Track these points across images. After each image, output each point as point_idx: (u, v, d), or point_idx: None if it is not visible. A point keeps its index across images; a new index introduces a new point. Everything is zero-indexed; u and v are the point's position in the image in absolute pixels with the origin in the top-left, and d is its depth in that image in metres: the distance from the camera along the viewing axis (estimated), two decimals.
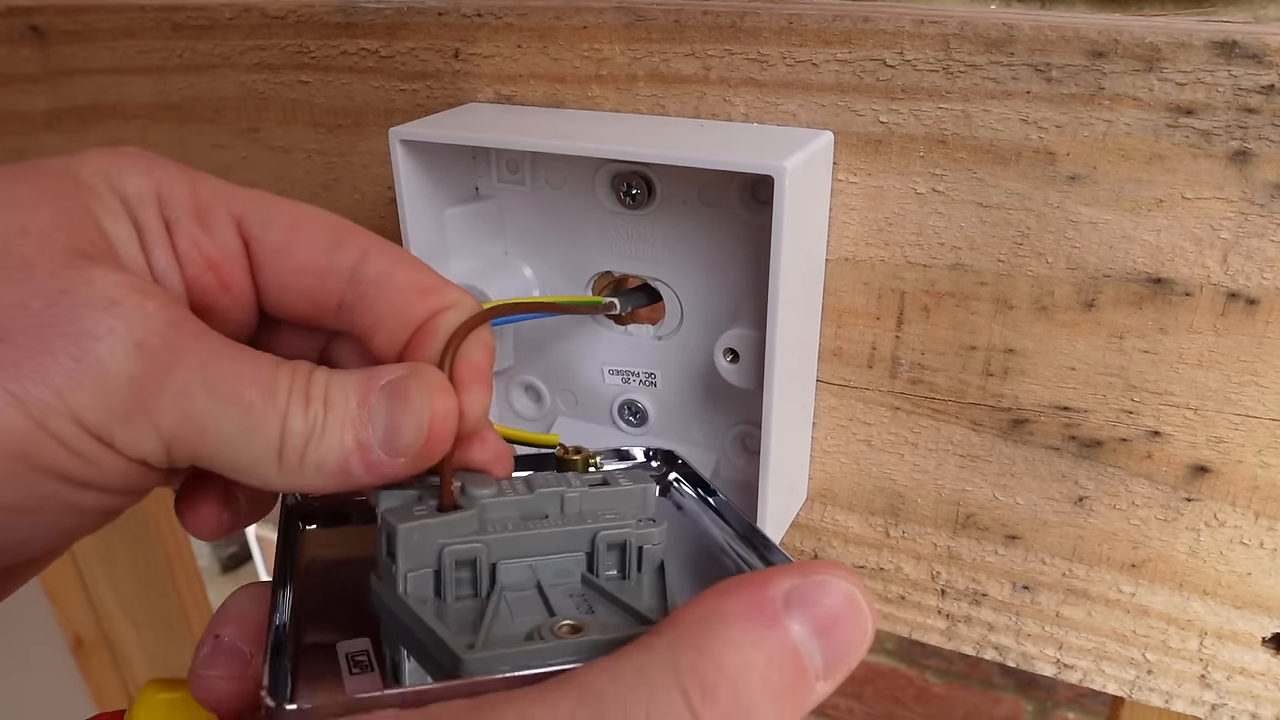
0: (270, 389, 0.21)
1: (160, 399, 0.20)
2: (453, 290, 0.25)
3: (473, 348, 0.24)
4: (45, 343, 0.19)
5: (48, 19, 0.44)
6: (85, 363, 0.19)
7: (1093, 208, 0.28)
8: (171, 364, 0.20)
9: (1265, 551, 0.30)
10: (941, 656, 0.94)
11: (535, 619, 0.22)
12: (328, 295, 0.24)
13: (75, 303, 0.19)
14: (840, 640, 0.18)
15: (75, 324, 0.19)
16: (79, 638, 0.88)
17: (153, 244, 0.23)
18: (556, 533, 0.23)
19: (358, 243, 0.25)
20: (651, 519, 0.24)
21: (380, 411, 0.22)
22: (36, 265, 0.19)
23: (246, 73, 0.41)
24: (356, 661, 0.23)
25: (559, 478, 0.25)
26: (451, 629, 0.21)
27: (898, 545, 0.35)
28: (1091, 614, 0.33)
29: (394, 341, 0.24)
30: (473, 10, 0.35)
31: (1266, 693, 0.32)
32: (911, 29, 0.28)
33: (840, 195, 0.31)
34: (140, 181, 0.23)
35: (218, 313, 0.24)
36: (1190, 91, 0.26)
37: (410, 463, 0.22)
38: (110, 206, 0.22)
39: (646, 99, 0.33)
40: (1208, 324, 0.28)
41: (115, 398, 0.19)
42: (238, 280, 0.24)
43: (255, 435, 0.21)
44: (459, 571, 0.22)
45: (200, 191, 0.24)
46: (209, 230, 0.24)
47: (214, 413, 0.20)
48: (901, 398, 0.33)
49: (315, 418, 0.21)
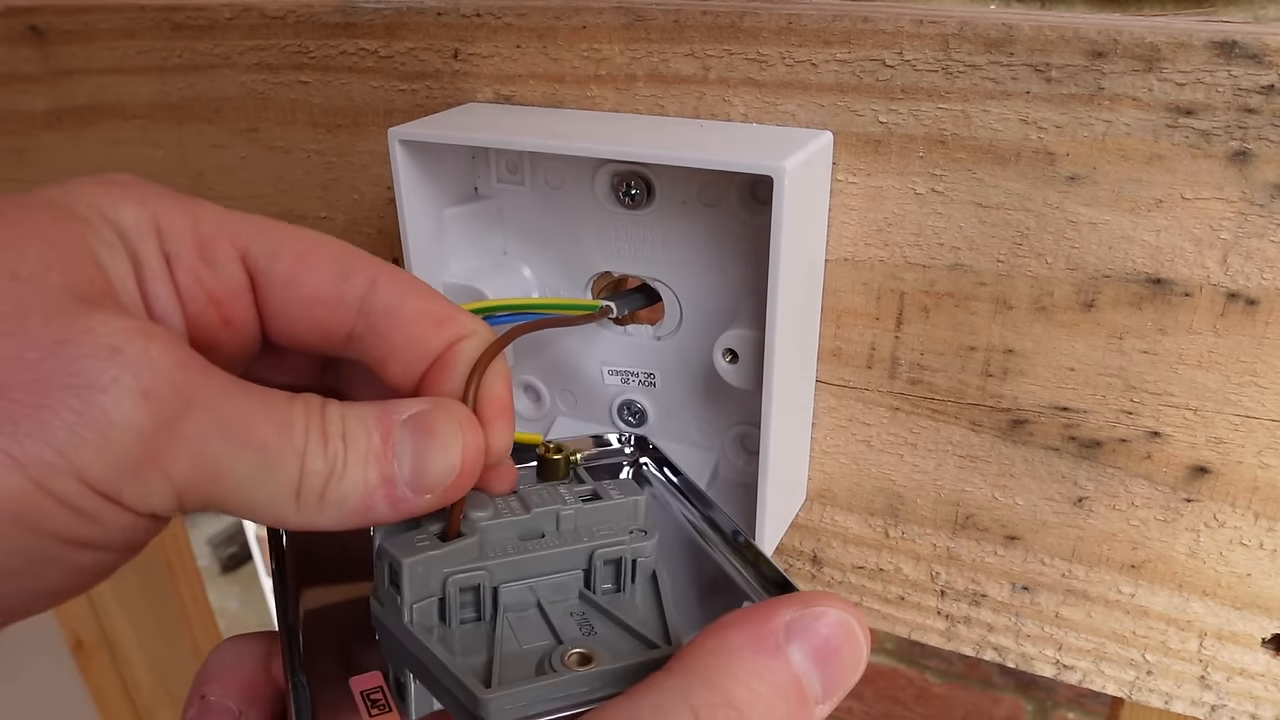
0: (286, 426, 0.20)
1: (172, 448, 0.19)
2: (467, 319, 0.24)
3: (494, 380, 0.23)
4: (45, 397, 0.18)
5: (48, 19, 0.44)
6: (89, 417, 0.18)
7: (1092, 208, 0.28)
8: (183, 410, 0.19)
9: (1265, 552, 0.30)
10: (941, 656, 0.94)
11: (541, 644, 0.22)
12: (337, 326, 0.24)
13: (75, 353, 0.18)
14: (838, 668, 0.19)
15: (77, 376, 0.18)
16: (79, 639, 0.88)
17: (151, 279, 0.22)
18: (555, 553, 0.24)
19: (366, 271, 0.24)
20: (643, 530, 0.25)
21: (406, 447, 0.21)
22: (30, 313, 0.18)
23: (246, 73, 0.41)
24: (374, 701, 0.23)
25: (553, 493, 0.25)
26: (460, 659, 0.22)
27: (897, 546, 0.35)
28: (1091, 615, 0.33)
29: (410, 372, 0.24)
30: (472, 10, 0.35)
31: (1266, 693, 0.32)
32: (911, 29, 0.28)
33: (839, 195, 0.31)
34: (137, 212, 0.22)
35: (218, 347, 0.23)
36: (1190, 92, 0.26)
37: (436, 500, 0.22)
38: (106, 240, 0.21)
39: (646, 99, 0.33)
40: (1207, 324, 0.28)
41: (123, 452, 0.18)
42: (240, 314, 0.23)
43: (272, 475, 0.20)
44: (463, 596, 0.23)
45: (201, 223, 0.23)
46: (212, 264, 0.23)
47: (229, 455, 0.19)
48: (901, 398, 0.33)
49: (335, 454, 0.20)
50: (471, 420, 0.22)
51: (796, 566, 0.37)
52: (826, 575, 0.37)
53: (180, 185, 0.45)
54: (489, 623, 0.23)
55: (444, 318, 0.24)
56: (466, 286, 0.35)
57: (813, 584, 0.38)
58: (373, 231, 0.40)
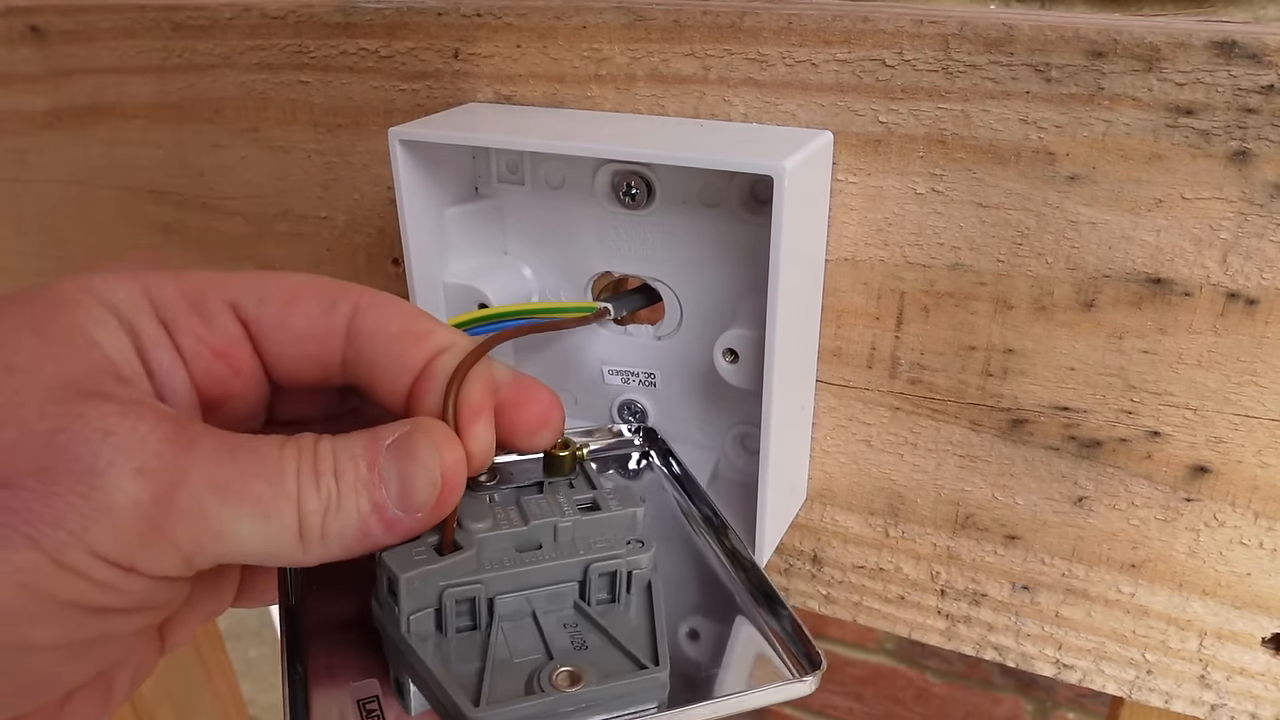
0: (277, 476, 0.21)
1: (173, 517, 0.20)
2: (444, 332, 0.25)
3: (470, 386, 0.24)
4: (51, 484, 0.19)
5: (48, 19, 0.44)
6: (93, 499, 0.19)
7: (1092, 208, 0.28)
8: (177, 481, 0.20)
9: (1265, 552, 0.30)
10: (941, 657, 0.94)
11: (532, 659, 0.23)
12: (330, 356, 0.25)
13: (71, 439, 0.20)
14: None
15: (77, 461, 0.19)
16: None
17: (151, 347, 0.23)
18: (551, 566, 0.24)
19: (349, 299, 0.25)
20: (640, 541, 0.25)
21: (390, 471, 0.22)
22: (26, 405, 0.20)
23: (246, 73, 0.41)
24: (369, 712, 0.23)
25: (551, 502, 0.26)
26: (453, 667, 0.22)
27: (897, 545, 0.35)
28: (1091, 614, 0.33)
29: (396, 390, 0.25)
30: (472, 10, 0.35)
31: (1266, 693, 0.32)
32: (911, 29, 0.28)
33: (840, 195, 0.31)
34: (128, 287, 0.23)
35: (234, 396, 0.25)
36: (1190, 91, 0.26)
37: (427, 517, 0.23)
38: (98, 317, 0.22)
39: (646, 99, 0.33)
40: (1207, 324, 0.28)
41: (127, 526, 0.20)
42: (246, 362, 0.25)
43: (272, 524, 0.21)
44: (459, 607, 0.24)
45: (188, 286, 0.24)
46: (208, 321, 0.24)
47: (228, 514, 0.21)
48: (901, 398, 0.33)
49: (328, 491, 0.22)
50: (448, 436, 0.23)
51: (796, 566, 0.38)
52: (826, 575, 0.37)
53: (180, 185, 0.45)
54: (484, 631, 0.24)
55: (422, 334, 0.25)
56: (466, 286, 0.35)
57: (813, 583, 0.38)
58: (373, 231, 0.40)
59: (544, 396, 0.26)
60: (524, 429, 0.25)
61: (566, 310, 0.33)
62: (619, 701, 0.22)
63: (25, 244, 0.52)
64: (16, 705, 0.21)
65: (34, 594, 0.19)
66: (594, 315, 0.33)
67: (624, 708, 0.22)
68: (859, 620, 0.37)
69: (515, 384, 0.25)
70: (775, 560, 0.38)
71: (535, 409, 0.25)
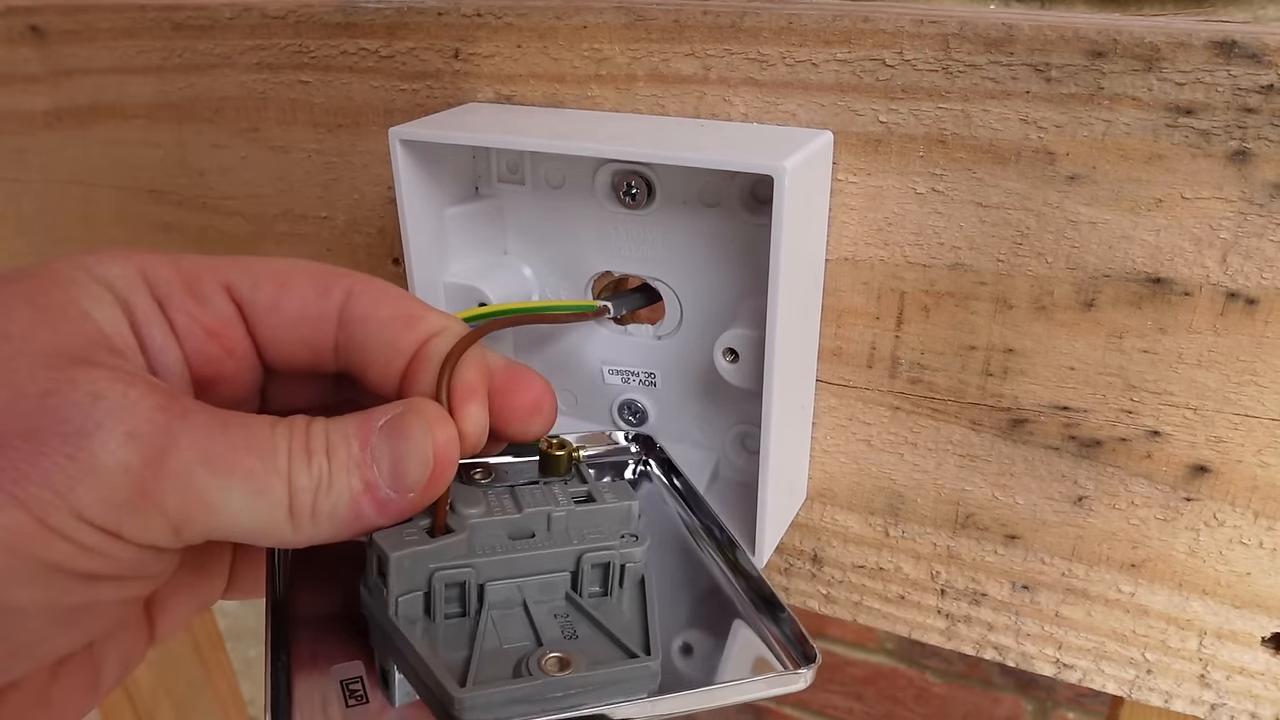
0: (269, 452, 0.21)
1: (161, 484, 0.20)
2: (435, 316, 0.25)
3: (464, 369, 0.24)
4: (39, 445, 0.19)
5: (48, 19, 0.44)
6: (80, 460, 0.19)
7: (1092, 207, 0.28)
8: (167, 447, 0.20)
9: (1265, 551, 0.30)
10: (941, 656, 0.94)
11: (522, 645, 0.23)
12: (322, 340, 0.25)
13: (60, 402, 0.20)
14: None
15: (65, 423, 0.19)
16: None
17: (145, 323, 0.23)
18: (543, 554, 0.24)
19: (342, 284, 0.25)
20: (634, 535, 0.25)
21: (383, 451, 0.22)
22: (18, 370, 0.20)
23: (246, 72, 0.41)
24: (352, 692, 0.23)
25: (546, 493, 0.25)
26: (441, 653, 0.22)
27: (897, 545, 0.35)
28: (1091, 614, 0.33)
29: (389, 374, 0.25)
30: (472, 10, 0.35)
31: (1266, 692, 0.32)
32: (911, 29, 0.29)
33: (840, 195, 0.31)
34: (124, 266, 0.23)
35: (227, 377, 0.25)
36: (1189, 91, 0.26)
37: (419, 497, 0.23)
38: (94, 293, 0.22)
39: (646, 99, 0.33)
40: (1207, 324, 0.28)
41: (116, 490, 0.20)
42: (239, 343, 0.25)
43: (262, 499, 0.21)
44: (448, 591, 0.23)
45: (184, 266, 0.24)
46: (202, 300, 0.24)
47: (218, 486, 0.21)
48: (901, 397, 0.33)
49: (320, 469, 0.22)
50: (441, 415, 0.23)
51: (797, 566, 0.38)
52: (826, 574, 0.37)
53: (180, 185, 0.45)
54: (473, 619, 0.23)
55: (414, 318, 0.25)
56: (467, 286, 0.35)
57: (813, 583, 0.38)
58: (373, 231, 0.41)
59: (537, 383, 0.26)
60: (517, 415, 0.25)
61: (567, 309, 0.33)
62: (609, 689, 0.22)
63: (25, 244, 0.52)
64: (4, 669, 0.21)
65: (18, 554, 0.19)
66: (593, 313, 0.33)
67: (614, 696, 0.22)
68: (859, 620, 0.37)
69: (508, 370, 0.25)
70: (775, 560, 0.38)
71: (528, 395, 0.25)
